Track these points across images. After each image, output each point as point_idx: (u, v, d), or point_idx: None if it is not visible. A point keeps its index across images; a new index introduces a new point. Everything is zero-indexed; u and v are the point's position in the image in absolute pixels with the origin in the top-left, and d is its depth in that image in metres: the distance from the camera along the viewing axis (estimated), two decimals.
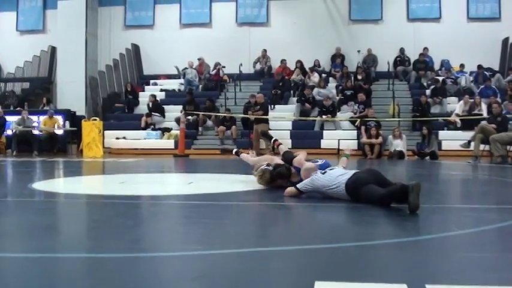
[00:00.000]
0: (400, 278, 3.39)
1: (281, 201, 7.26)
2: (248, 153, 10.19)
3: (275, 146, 9.91)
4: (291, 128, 21.88)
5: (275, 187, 8.12)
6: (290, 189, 7.40)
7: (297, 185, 7.37)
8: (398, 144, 18.31)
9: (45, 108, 23.55)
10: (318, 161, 8.38)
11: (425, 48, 25.12)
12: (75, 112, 23.22)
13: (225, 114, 21.96)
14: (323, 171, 7.32)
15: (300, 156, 8.48)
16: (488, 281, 3.33)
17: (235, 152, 10.51)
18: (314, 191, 7.23)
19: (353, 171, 7.15)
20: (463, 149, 16.57)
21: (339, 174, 7.11)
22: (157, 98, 23.86)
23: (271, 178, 8.22)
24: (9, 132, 21.42)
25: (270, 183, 8.26)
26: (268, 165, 8.57)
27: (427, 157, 17.88)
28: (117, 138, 22.19)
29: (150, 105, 23.30)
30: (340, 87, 23.65)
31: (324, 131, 21.35)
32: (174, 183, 11.15)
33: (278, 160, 8.73)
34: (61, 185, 10.51)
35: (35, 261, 3.95)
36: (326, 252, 4.24)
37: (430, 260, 3.98)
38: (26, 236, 5.00)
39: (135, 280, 3.41)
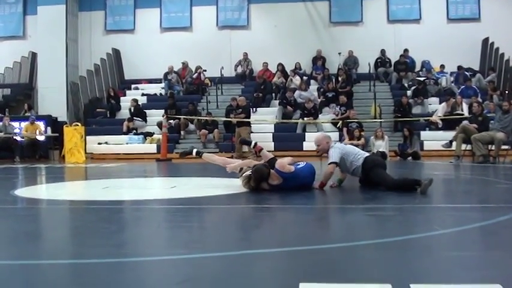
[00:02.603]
0: (385, 278, 3.40)
1: (264, 204, 7.27)
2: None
3: (257, 152, 9.79)
4: (273, 131, 21.88)
5: (258, 190, 8.13)
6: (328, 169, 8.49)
7: (330, 162, 8.49)
8: (381, 145, 18.32)
9: (26, 114, 23.39)
10: (299, 164, 8.44)
11: (406, 50, 25.21)
12: (56, 118, 23.10)
13: (207, 118, 21.93)
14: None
15: (284, 159, 8.50)
16: (471, 280, 3.35)
17: (197, 152, 9.80)
18: (342, 158, 8.56)
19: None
20: (444, 149, 16.64)
21: (359, 150, 9.24)
22: (139, 103, 23.78)
23: (254, 180, 8.20)
24: None
25: (255, 186, 8.23)
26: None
27: (409, 157, 17.94)
28: (99, 144, 22.10)
29: (132, 110, 23.22)
30: (322, 90, 23.68)
31: (306, 133, 21.35)
32: (157, 188, 11.11)
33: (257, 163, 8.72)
34: (44, 191, 10.45)
35: (18, 268, 3.93)
36: (310, 254, 4.25)
37: (414, 259, 4.00)
38: (8, 243, 4.97)
39: (120, 285, 3.40)
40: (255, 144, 9.83)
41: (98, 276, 3.64)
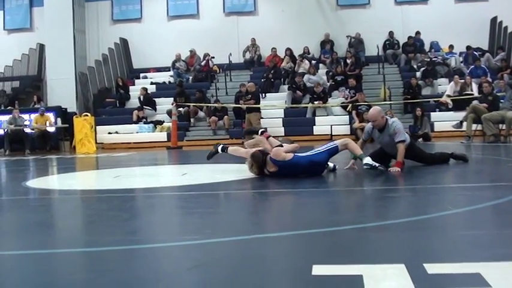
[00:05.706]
0: (398, 258, 3.40)
1: (275, 188, 7.27)
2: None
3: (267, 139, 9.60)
4: (283, 116, 21.85)
5: (268, 175, 8.11)
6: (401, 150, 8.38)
7: (402, 140, 8.41)
8: None
9: (36, 106, 23.44)
10: (315, 150, 8.39)
11: (418, 33, 25.02)
12: (66, 109, 23.11)
13: (216, 105, 21.92)
14: None
15: (287, 147, 8.40)
16: (485, 258, 3.33)
17: (222, 148, 9.58)
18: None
19: None
20: (455, 129, 16.58)
21: None
22: (148, 91, 23.79)
23: (255, 166, 8.18)
24: (0, 131, 21.32)
25: (258, 171, 8.21)
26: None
27: (420, 139, 17.88)
28: (110, 133, 22.15)
29: (141, 99, 23.25)
30: (331, 73, 23.63)
31: (316, 118, 21.33)
32: (168, 175, 11.13)
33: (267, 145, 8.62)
34: (55, 181, 10.49)
35: (32, 257, 3.94)
36: (323, 236, 4.24)
37: (427, 239, 3.98)
38: (22, 233, 4.99)
39: (133, 272, 3.40)
40: (263, 132, 9.54)
41: (111, 263, 3.65)
